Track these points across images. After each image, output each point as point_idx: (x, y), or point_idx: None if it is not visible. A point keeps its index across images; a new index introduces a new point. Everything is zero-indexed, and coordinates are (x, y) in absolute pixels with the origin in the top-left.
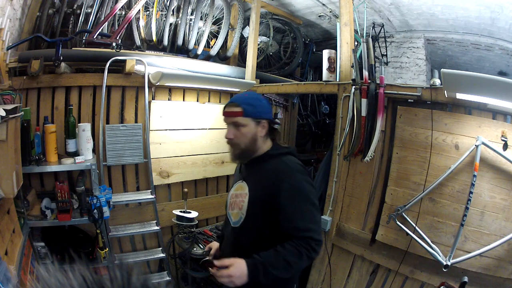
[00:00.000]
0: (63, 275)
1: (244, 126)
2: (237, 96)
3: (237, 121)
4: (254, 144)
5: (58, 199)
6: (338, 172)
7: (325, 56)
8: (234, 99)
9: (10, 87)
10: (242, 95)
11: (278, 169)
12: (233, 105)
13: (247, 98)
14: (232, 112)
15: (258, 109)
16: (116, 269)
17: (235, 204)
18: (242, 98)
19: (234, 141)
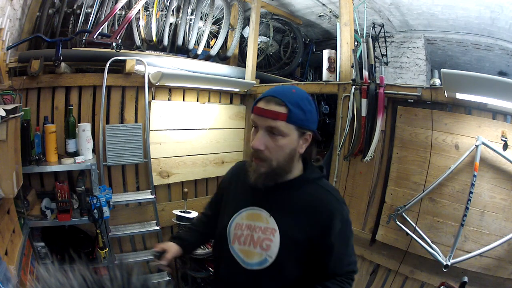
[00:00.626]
0: (63, 275)
1: (285, 136)
2: (281, 90)
3: (276, 126)
4: (291, 163)
5: (58, 199)
6: (338, 172)
7: (325, 56)
8: (277, 93)
9: (10, 87)
10: (287, 89)
11: (323, 201)
12: (276, 102)
13: (296, 97)
14: (273, 113)
15: (308, 116)
16: (116, 269)
17: (253, 240)
18: (289, 95)
19: (264, 154)
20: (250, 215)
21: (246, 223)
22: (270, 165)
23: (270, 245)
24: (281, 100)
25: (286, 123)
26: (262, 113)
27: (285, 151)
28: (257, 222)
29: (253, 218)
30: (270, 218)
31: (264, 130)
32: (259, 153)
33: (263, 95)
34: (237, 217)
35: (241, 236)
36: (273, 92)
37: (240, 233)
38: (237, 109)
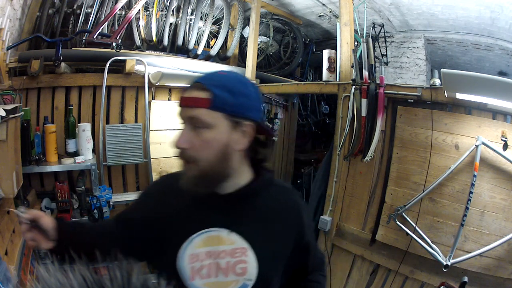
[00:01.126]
0: (63, 275)
1: (210, 127)
2: (208, 75)
3: (197, 115)
4: (226, 162)
5: (58, 199)
6: (338, 172)
7: (325, 56)
8: (202, 78)
9: (10, 87)
10: (216, 73)
11: (289, 202)
12: (197, 88)
13: (225, 79)
14: (192, 99)
15: (242, 101)
16: (116, 269)
17: (220, 268)
18: (215, 78)
19: (189, 153)
20: (207, 239)
21: (205, 250)
22: (199, 166)
23: (246, 267)
24: (202, 84)
25: (209, 110)
26: (182, 103)
27: (213, 147)
28: (219, 246)
29: (212, 243)
30: (233, 236)
31: (188, 124)
32: (184, 153)
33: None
34: (189, 247)
35: (202, 268)
36: (197, 78)
37: (200, 266)
38: None
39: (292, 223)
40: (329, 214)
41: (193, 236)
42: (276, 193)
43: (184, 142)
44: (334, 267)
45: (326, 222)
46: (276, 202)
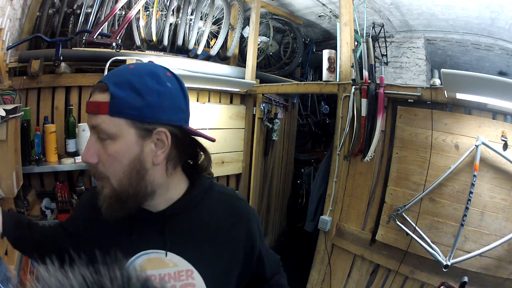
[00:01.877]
0: (63, 275)
1: (114, 138)
2: (113, 71)
3: (97, 124)
4: (141, 181)
5: (58, 199)
6: (338, 172)
7: (325, 56)
8: (106, 76)
9: (10, 87)
10: (122, 68)
11: (234, 211)
12: (99, 89)
13: (129, 74)
14: (92, 104)
15: (152, 100)
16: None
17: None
18: (118, 74)
19: (98, 169)
20: (147, 263)
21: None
22: (110, 185)
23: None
24: (103, 84)
25: (110, 117)
26: (86, 109)
27: (121, 162)
28: (161, 269)
29: (153, 266)
30: (174, 258)
31: (93, 134)
32: (93, 169)
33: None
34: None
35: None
36: (103, 77)
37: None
38: (237, 109)
39: (238, 234)
40: (329, 214)
41: (131, 259)
42: (217, 202)
43: (90, 156)
44: (334, 267)
45: (326, 222)
46: (218, 213)
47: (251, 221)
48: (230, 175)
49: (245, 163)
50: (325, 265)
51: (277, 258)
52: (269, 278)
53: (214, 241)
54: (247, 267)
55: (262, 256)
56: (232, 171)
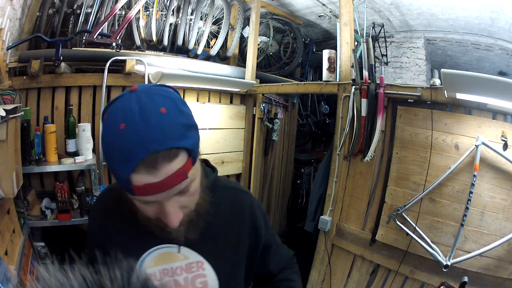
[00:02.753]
0: (63, 275)
1: (194, 181)
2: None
3: (184, 186)
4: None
5: (58, 199)
6: (338, 172)
7: (325, 56)
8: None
9: (10, 87)
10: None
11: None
12: (166, 159)
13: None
14: (176, 177)
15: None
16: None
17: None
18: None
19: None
20: (158, 258)
21: (159, 269)
22: (189, 211)
23: (206, 281)
24: (171, 149)
25: (193, 168)
26: (156, 190)
27: (197, 192)
28: (173, 263)
29: (163, 261)
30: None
31: (176, 199)
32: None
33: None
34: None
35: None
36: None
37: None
38: (237, 109)
39: (244, 226)
40: (329, 214)
41: (143, 256)
42: (223, 196)
43: (179, 219)
44: (334, 267)
45: (326, 222)
46: (224, 206)
47: (255, 213)
48: (230, 175)
49: (245, 163)
50: (325, 265)
51: (289, 254)
52: (276, 272)
53: (222, 233)
54: (253, 259)
55: (268, 247)
56: (232, 171)
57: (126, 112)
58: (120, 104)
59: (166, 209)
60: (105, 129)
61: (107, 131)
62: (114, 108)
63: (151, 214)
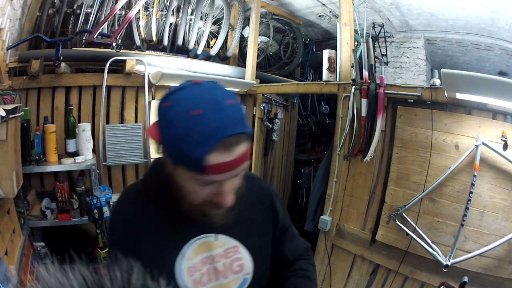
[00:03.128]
0: (63, 275)
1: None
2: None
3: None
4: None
5: (58, 199)
6: (338, 172)
7: (325, 56)
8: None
9: (10, 87)
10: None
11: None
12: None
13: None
14: (242, 158)
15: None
16: (116, 269)
17: (218, 272)
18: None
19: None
20: (198, 248)
21: (199, 259)
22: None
23: (242, 263)
24: (242, 134)
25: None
26: (228, 168)
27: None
28: (211, 251)
29: (202, 250)
30: (222, 238)
31: (232, 180)
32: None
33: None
34: (183, 262)
35: (202, 277)
36: (225, 128)
37: (200, 275)
38: None
39: (267, 210)
40: (329, 214)
41: (183, 250)
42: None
43: (232, 201)
44: (334, 267)
45: (326, 222)
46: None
47: (273, 197)
48: None
49: None
50: (325, 265)
51: (305, 244)
52: (291, 259)
53: (251, 217)
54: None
55: (285, 231)
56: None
57: (199, 100)
58: (186, 93)
59: (224, 188)
60: (172, 114)
61: (176, 116)
62: (180, 96)
63: (204, 197)
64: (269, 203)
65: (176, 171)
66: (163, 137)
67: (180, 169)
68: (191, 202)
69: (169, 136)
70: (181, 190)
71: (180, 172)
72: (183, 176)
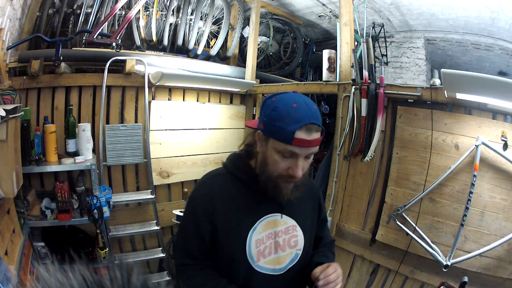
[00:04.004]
0: (63, 275)
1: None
2: (314, 112)
3: (316, 151)
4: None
5: (58, 199)
6: (338, 172)
7: (325, 56)
8: (314, 118)
9: (10, 87)
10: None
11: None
12: (316, 130)
13: (318, 110)
14: (317, 142)
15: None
16: (116, 269)
17: (279, 245)
18: (318, 114)
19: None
20: (266, 225)
21: (266, 234)
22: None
23: (297, 240)
24: (319, 126)
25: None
26: (307, 144)
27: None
28: (276, 227)
29: (270, 226)
30: (285, 218)
31: (304, 158)
32: (296, 179)
33: (299, 121)
34: (253, 235)
35: (265, 249)
36: (310, 118)
37: (264, 247)
38: (237, 109)
39: (315, 202)
40: (329, 214)
41: (255, 225)
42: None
43: (302, 174)
44: None
45: None
46: (305, 186)
47: (320, 193)
48: None
49: None
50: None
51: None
52: (324, 242)
53: (303, 203)
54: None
55: (325, 221)
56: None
57: (295, 100)
58: (288, 96)
59: (299, 162)
60: (279, 104)
61: (281, 105)
62: (284, 96)
63: (282, 168)
64: (317, 197)
65: (267, 144)
66: (267, 119)
67: (272, 141)
68: (269, 174)
69: (273, 117)
70: (264, 162)
71: (271, 144)
72: (272, 147)
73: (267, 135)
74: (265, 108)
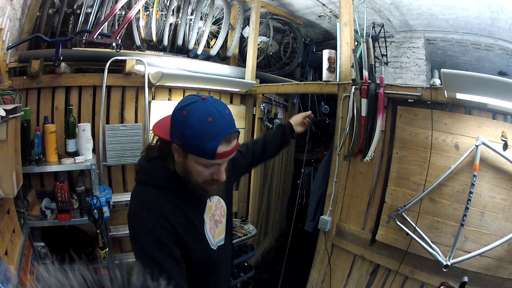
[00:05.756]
0: (63, 275)
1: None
2: (228, 119)
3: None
4: None
5: (58, 199)
6: (338, 172)
7: (325, 56)
8: (231, 126)
9: (10, 87)
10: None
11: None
12: (235, 137)
13: (231, 113)
14: (237, 144)
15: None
16: (116, 269)
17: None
18: (229, 118)
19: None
20: (207, 214)
21: (209, 218)
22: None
23: (224, 208)
24: (235, 132)
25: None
26: (229, 154)
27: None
28: (212, 210)
29: (209, 211)
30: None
31: (224, 165)
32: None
33: (217, 136)
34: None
35: (211, 229)
36: (227, 129)
37: (212, 230)
38: (237, 109)
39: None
40: (329, 214)
41: (205, 221)
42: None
43: (225, 177)
44: (334, 267)
45: (326, 222)
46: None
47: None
48: None
49: None
50: (325, 265)
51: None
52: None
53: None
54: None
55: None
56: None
57: (208, 111)
58: (199, 106)
59: (222, 168)
60: (192, 121)
61: (195, 122)
62: (194, 108)
63: (206, 176)
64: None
65: (186, 157)
66: (182, 136)
67: (192, 157)
68: (195, 182)
69: (189, 136)
70: (187, 171)
71: (191, 158)
72: (193, 161)
73: (186, 151)
74: (177, 124)
